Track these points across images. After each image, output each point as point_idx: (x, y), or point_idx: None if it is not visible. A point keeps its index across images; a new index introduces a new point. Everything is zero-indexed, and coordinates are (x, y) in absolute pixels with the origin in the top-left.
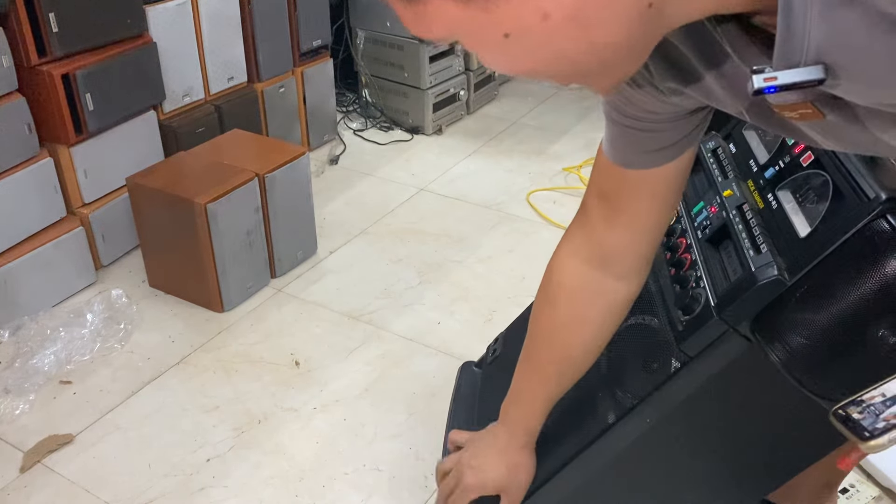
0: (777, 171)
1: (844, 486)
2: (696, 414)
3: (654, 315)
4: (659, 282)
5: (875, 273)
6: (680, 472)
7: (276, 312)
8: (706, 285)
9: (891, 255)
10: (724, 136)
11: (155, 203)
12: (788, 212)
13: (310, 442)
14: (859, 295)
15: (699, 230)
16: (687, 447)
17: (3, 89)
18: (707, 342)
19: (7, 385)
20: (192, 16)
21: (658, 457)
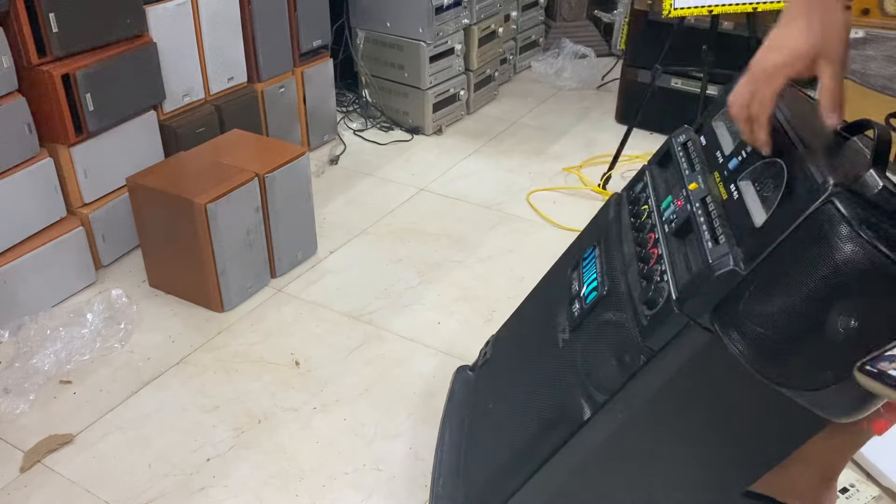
0: (740, 161)
1: (844, 485)
2: (667, 408)
3: (624, 311)
4: (628, 278)
5: (826, 259)
6: (657, 465)
7: (276, 312)
8: (669, 279)
9: (840, 240)
10: (695, 129)
11: (155, 203)
12: (748, 202)
13: (310, 442)
14: (812, 281)
15: (666, 224)
16: (661, 441)
17: (3, 89)
18: (670, 336)
19: (7, 385)
20: (192, 16)
21: (634, 452)
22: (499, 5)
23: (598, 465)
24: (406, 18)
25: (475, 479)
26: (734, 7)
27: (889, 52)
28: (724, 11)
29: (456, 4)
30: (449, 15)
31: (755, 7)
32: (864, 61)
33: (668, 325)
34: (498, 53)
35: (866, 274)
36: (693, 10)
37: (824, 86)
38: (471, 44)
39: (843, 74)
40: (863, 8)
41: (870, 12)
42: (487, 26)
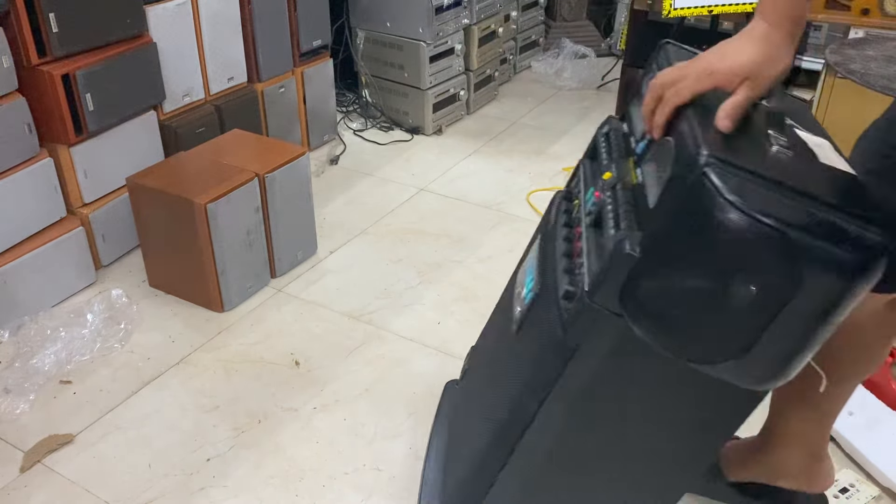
0: (646, 144)
1: (844, 485)
2: (603, 402)
3: (551, 309)
4: (557, 274)
5: (707, 232)
6: (608, 463)
7: (276, 312)
8: (585, 271)
9: (717, 211)
10: (620, 117)
11: (155, 203)
12: (647, 184)
13: (310, 442)
14: (700, 256)
15: (587, 216)
16: (607, 434)
17: (3, 89)
18: (586, 328)
19: (7, 385)
20: (192, 16)
21: (585, 447)
22: (499, 5)
23: (549, 469)
24: (406, 18)
25: (451, 494)
26: (734, 7)
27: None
28: (724, 11)
29: (456, 4)
30: (449, 15)
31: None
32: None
33: (584, 317)
34: (498, 53)
35: (747, 242)
36: (693, 10)
37: (735, 98)
38: (471, 44)
39: (751, 102)
40: (863, 8)
41: (870, 12)
42: (487, 26)
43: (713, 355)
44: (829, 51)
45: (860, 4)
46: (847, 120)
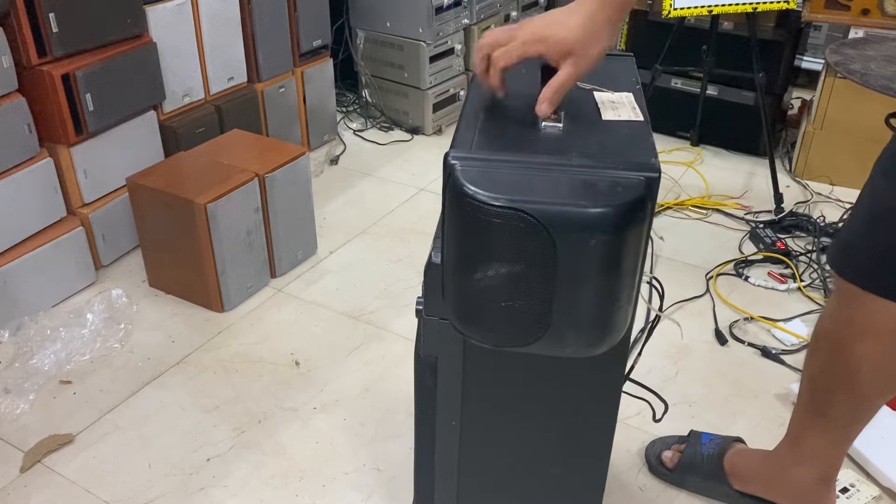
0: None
1: (844, 485)
2: (483, 403)
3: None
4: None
5: (469, 223)
6: (522, 462)
7: (276, 312)
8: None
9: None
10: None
11: (155, 203)
12: None
13: (310, 442)
14: (474, 248)
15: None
16: (508, 440)
17: (3, 89)
18: (432, 340)
19: (7, 385)
20: (192, 16)
21: (491, 452)
22: (499, 5)
23: (472, 483)
24: (406, 18)
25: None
26: (734, 7)
27: (889, 52)
28: (724, 11)
29: (456, 4)
30: (449, 15)
31: (755, 7)
32: (864, 61)
33: (427, 329)
34: None
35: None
36: (693, 10)
37: (556, 79)
38: (471, 44)
39: (575, 81)
40: (863, 8)
41: (870, 12)
42: (487, 26)
43: (522, 336)
44: (829, 51)
45: (860, 4)
46: (847, 120)
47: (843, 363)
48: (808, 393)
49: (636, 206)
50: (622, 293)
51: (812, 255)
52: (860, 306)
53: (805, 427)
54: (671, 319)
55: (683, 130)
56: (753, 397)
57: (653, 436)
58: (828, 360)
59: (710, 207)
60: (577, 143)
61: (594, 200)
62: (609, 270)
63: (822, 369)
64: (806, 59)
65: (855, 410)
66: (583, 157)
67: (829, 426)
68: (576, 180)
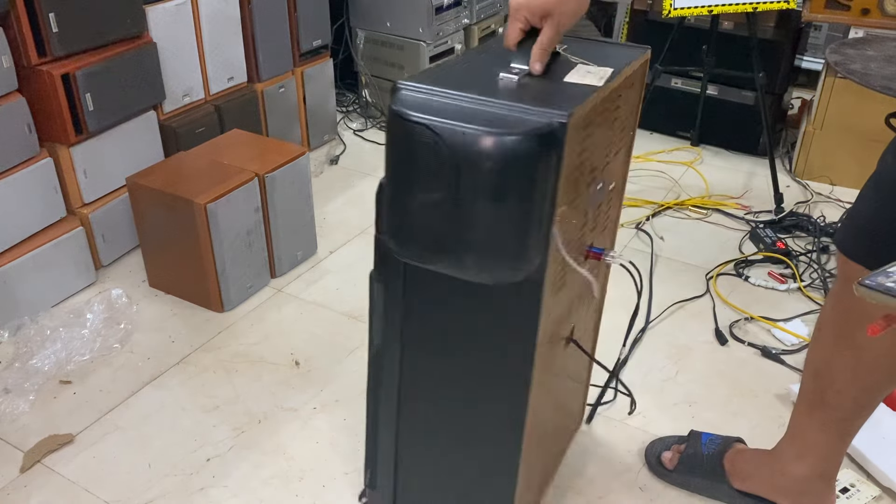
0: None
1: (844, 485)
2: (424, 326)
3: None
4: None
5: (398, 142)
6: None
7: (276, 312)
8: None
9: (394, 121)
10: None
11: (155, 203)
12: None
13: (310, 442)
14: (404, 168)
15: None
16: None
17: (3, 89)
18: (385, 263)
19: (7, 385)
20: (192, 16)
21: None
22: (499, 5)
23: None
24: (406, 18)
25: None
26: (734, 7)
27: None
28: (724, 11)
29: (456, 4)
30: (449, 15)
31: (755, 7)
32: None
33: (380, 253)
34: None
35: (414, 143)
36: (693, 10)
37: (540, 39)
38: (471, 44)
39: (559, 37)
40: (863, 8)
41: (870, 12)
42: (487, 26)
43: (430, 254)
44: (829, 51)
45: (860, 4)
46: (847, 120)
47: (845, 352)
48: (811, 384)
49: (532, 140)
50: (516, 223)
51: (812, 255)
52: None
53: (806, 421)
54: (624, 265)
55: (683, 130)
56: (753, 397)
57: (653, 436)
58: (830, 349)
59: (710, 207)
60: (518, 90)
61: (494, 127)
62: (502, 197)
63: (823, 360)
64: (806, 59)
65: (856, 401)
66: (511, 98)
67: (830, 419)
68: (490, 112)
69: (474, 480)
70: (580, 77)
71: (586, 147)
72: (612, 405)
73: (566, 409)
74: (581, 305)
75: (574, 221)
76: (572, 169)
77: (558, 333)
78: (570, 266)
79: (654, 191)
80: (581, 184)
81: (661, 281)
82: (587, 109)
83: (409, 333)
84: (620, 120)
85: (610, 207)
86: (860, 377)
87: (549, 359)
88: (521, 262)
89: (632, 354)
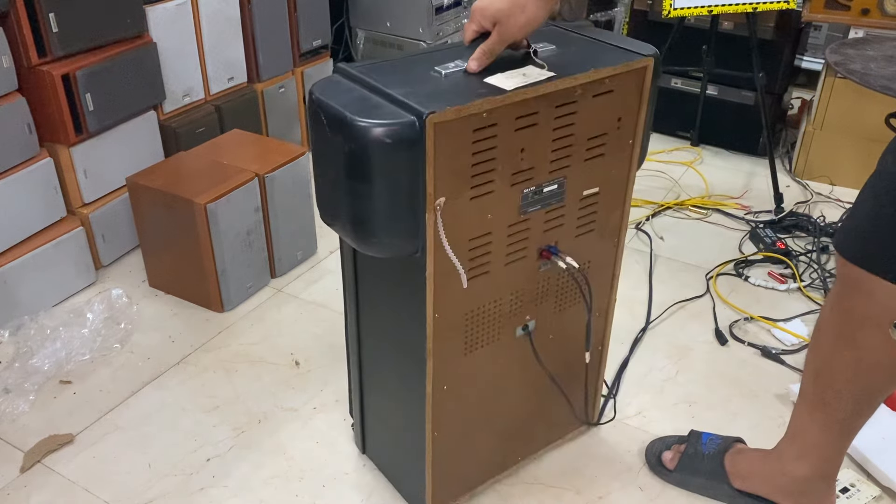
0: None
1: (845, 485)
2: (368, 285)
3: None
4: None
5: (310, 120)
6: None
7: (276, 312)
8: None
9: (310, 109)
10: None
11: (155, 203)
12: None
13: (310, 442)
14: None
15: None
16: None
17: (3, 89)
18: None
19: (7, 385)
20: (192, 16)
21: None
22: None
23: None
24: (406, 18)
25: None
26: (734, 7)
27: (889, 52)
28: (724, 11)
29: (456, 4)
30: (449, 15)
31: (755, 7)
32: (864, 61)
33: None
34: None
35: (316, 120)
36: (693, 10)
37: (486, 43)
38: None
39: (502, 46)
40: (863, 8)
41: (870, 12)
42: None
43: (329, 220)
44: (829, 51)
45: (860, 4)
46: (847, 120)
47: (845, 353)
48: (811, 385)
49: (390, 132)
50: (379, 204)
51: (812, 255)
52: (862, 293)
53: (806, 421)
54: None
55: (683, 130)
56: (753, 397)
57: (653, 436)
58: (829, 350)
59: (710, 207)
60: (430, 86)
61: (361, 115)
62: (367, 178)
63: (823, 361)
64: (806, 59)
65: (856, 402)
66: (408, 93)
67: (830, 420)
68: (376, 102)
69: (405, 427)
70: (504, 80)
71: (494, 146)
72: (612, 405)
73: (539, 406)
74: (552, 304)
75: (490, 216)
76: (461, 166)
77: (485, 321)
78: (500, 254)
79: (654, 191)
80: (485, 181)
81: (661, 281)
82: (469, 112)
83: (362, 298)
84: (588, 125)
85: (597, 211)
86: (860, 378)
87: (471, 345)
88: (390, 239)
89: (632, 354)
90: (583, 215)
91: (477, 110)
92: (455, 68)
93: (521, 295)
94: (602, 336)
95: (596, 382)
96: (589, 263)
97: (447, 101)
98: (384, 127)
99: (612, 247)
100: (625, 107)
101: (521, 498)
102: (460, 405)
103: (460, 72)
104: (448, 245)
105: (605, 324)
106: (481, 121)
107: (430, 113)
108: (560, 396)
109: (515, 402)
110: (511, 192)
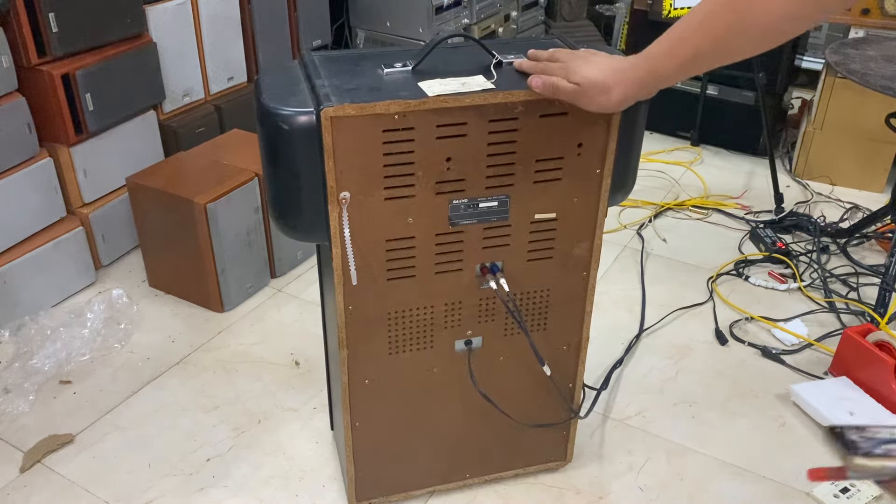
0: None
1: (845, 485)
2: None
3: None
4: None
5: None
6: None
7: (276, 312)
8: None
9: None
10: None
11: (155, 203)
12: None
13: (310, 442)
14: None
15: None
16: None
17: (3, 89)
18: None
19: (7, 385)
20: (192, 16)
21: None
22: (499, 5)
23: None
24: (406, 18)
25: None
26: None
27: (889, 52)
28: None
29: (456, 4)
30: (449, 15)
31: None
32: (864, 61)
33: None
34: None
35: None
36: None
37: (557, 80)
38: None
39: (564, 97)
40: (863, 8)
41: (870, 12)
42: (487, 26)
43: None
44: (829, 51)
45: (860, 4)
46: (847, 120)
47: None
48: None
49: (286, 116)
50: (277, 185)
51: (812, 255)
52: None
53: None
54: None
55: (683, 130)
56: (753, 397)
57: (653, 436)
58: None
59: (710, 207)
60: (359, 82)
61: (273, 100)
62: (267, 157)
63: None
64: (806, 59)
65: None
66: (329, 84)
67: None
68: (301, 88)
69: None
70: (438, 85)
71: (412, 150)
72: (611, 405)
73: (493, 427)
74: (500, 325)
75: (412, 220)
76: (371, 164)
77: (413, 325)
78: (427, 261)
79: (654, 191)
80: (403, 184)
81: (662, 281)
82: (375, 111)
83: (325, 289)
84: (535, 146)
85: (555, 238)
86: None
87: (397, 345)
88: (296, 223)
89: (632, 354)
90: (536, 239)
91: (384, 111)
92: (402, 68)
93: (460, 308)
94: (574, 373)
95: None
96: (548, 292)
97: (355, 98)
98: (284, 113)
99: (581, 280)
100: (587, 132)
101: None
102: (387, 404)
103: (403, 72)
104: (350, 239)
105: (578, 361)
106: (393, 122)
107: (325, 106)
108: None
109: (458, 417)
110: (437, 201)
